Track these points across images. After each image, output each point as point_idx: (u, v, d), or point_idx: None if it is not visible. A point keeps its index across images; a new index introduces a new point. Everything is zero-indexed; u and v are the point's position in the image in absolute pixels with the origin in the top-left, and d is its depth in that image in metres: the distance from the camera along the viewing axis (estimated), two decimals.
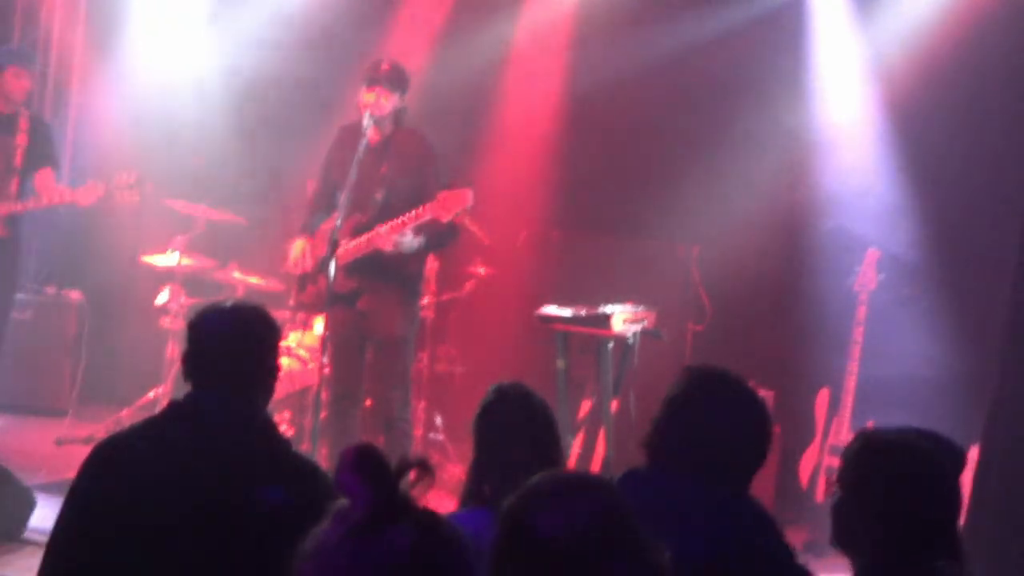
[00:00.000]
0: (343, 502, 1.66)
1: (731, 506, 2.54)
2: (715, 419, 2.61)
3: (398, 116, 5.53)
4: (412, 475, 1.67)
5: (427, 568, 1.62)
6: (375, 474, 1.64)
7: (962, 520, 4.61)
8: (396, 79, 5.43)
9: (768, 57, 6.95)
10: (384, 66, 5.47)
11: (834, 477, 2.52)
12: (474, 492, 2.95)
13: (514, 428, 2.98)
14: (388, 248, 5.27)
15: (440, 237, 5.45)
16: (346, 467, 1.65)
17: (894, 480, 2.42)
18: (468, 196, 5.13)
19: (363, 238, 5.37)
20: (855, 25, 6.93)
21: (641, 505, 2.50)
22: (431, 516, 1.67)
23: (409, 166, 5.46)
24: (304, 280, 5.65)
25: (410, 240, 5.29)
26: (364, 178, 5.36)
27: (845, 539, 2.49)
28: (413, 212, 5.22)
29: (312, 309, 5.76)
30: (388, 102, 5.40)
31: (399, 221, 5.25)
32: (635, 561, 1.75)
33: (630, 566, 1.74)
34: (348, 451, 1.66)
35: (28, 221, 6.52)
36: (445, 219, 5.18)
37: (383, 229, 5.27)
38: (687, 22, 7.16)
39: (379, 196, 5.44)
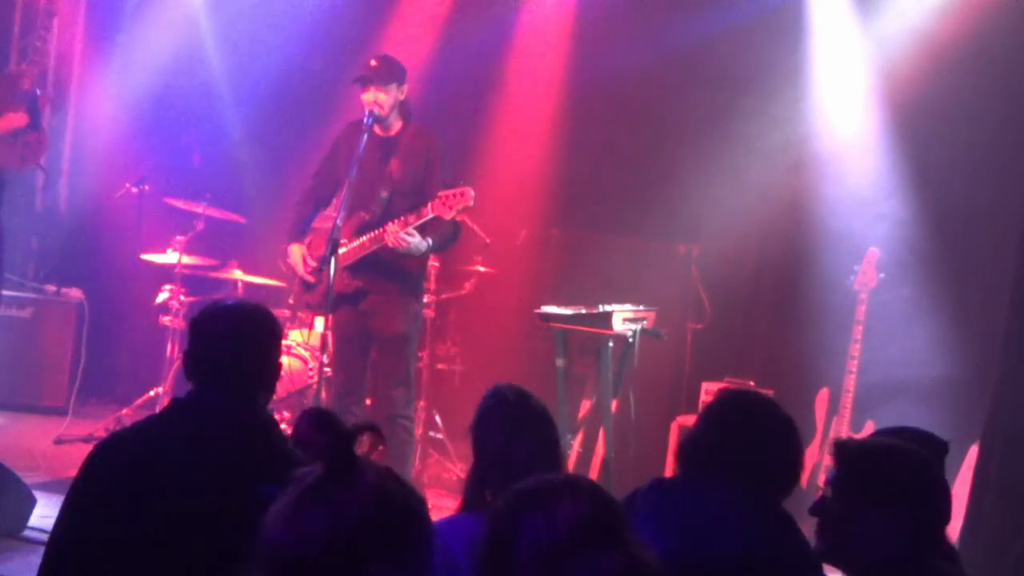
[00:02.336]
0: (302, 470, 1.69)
1: (757, 508, 2.55)
2: (748, 432, 2.63)
3: (404, 111, 5.52)
4: (366, 440, 1.72)
5: (396, 510, 1.66)
6: (333, 428, 1.68)
7: (961, 520, 4.66)
8: (386, 73, 5.42)
9: (769, 56, 6.94)
10: (372, 63, 5.46)
11: (826, 490, 2.49)
12: (475, 497, 2.90)
13: (512, 431, 2.91)
14: (401, 247, 5.27)
15: (444, 238, 5.46)
16: (304, 424, 1.69)
17: (903, 487, 2.39)
18: (469, 194, 5.15)
19: (368, 237, 5.37)
20: (856, 24, 6.92)
21: (671, 508, 2.53)
22: (388, 468, 1.71)
23: (415, 166, 5.45)
24: (307, 280, 5.63)
25: (418, 241, 5.29)
26: (368, 177, 5.36)
27: (842, 552, 2.45)
28: (417, 212, 5.23)
29: (317, 310, 5.75)
30: (386, 97, 5.40)
31: (402, 220, 5.26)
32: (621, 560, 1.75)
33: (616, 565, 1.75)
34: (306, 411, 1.72)
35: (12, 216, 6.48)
36: (447, 216, 5.19)
37: (392, 227, 5.28)
38: (687, 21, 7.15)
39: (384, 194, 5.43)
